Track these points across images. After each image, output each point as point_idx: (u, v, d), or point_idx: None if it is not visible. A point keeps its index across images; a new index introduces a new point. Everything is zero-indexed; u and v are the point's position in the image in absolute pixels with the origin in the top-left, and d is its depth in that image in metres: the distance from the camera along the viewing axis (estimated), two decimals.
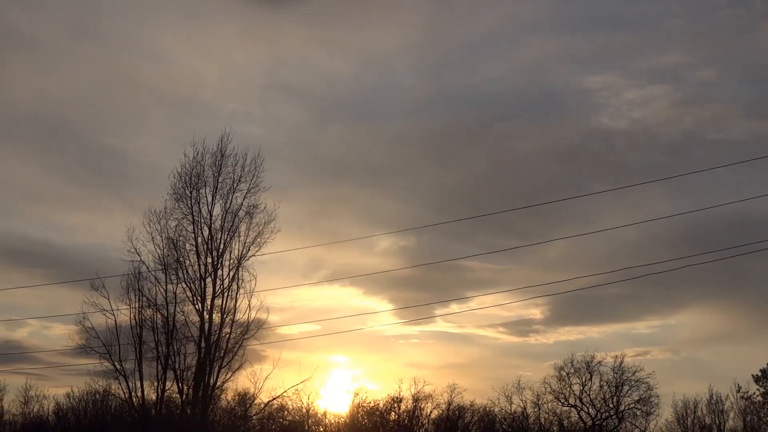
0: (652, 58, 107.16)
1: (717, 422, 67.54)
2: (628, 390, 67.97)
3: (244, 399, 63.26)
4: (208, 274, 54.04)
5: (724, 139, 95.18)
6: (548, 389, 69.30)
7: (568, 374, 69.09)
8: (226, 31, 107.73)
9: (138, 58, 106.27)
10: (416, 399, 69.71)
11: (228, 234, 55.00)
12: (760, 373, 67.52)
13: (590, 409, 67.69)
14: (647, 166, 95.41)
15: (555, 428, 69.07)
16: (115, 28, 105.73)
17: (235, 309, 54.59)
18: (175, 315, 54.21)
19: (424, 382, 73.08)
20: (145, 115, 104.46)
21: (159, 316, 54.31)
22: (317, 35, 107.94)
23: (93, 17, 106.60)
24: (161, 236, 55.05)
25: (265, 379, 56.66)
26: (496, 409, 69.77)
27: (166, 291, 54.41)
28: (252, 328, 54.95)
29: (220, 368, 53.59)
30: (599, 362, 69.78)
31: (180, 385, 53.81)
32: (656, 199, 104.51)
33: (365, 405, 70.94)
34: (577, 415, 68.35)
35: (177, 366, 53.64)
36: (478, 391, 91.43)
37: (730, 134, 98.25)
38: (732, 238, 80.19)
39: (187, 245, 54.66)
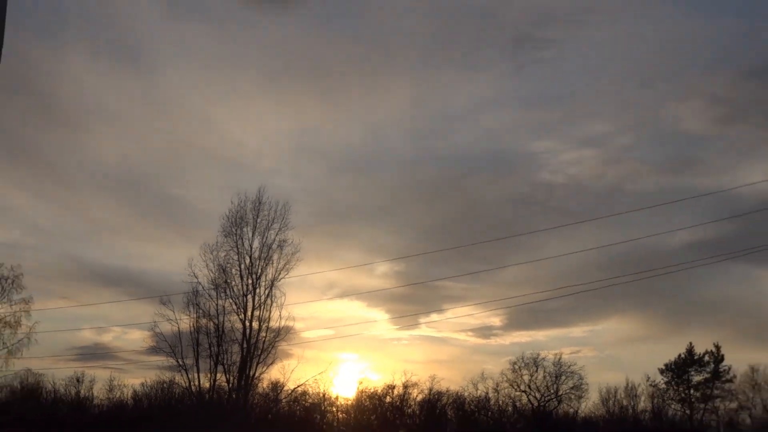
0: (583, 127, 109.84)
1: (632, 404, 68.02)
2: (565, 379, 68.29)
3: (276, 387, 62.47)
4: (248, 292, 54.34)
5: (638, 190, 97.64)
6: (505, 378, 69.66)
7: (519, 367, 69.33)
8: (262, 105, 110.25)
9: (197, 127, 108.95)
10: (405, 386, 70.08)
11: (264, 262, 55.25)
12: (664, 367, 67.85)
13: (536, 394, 67.98)
14: (581, 210, 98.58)
15: (510, 408, 68.83)
16: (181, 104, 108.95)
17: (269, 318, 54.90)
18: (223, 323, 54.52)
19: (412, 374, 74.10)
20: (202, 171, 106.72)
21: (212, 324, 54.48)
22: (331, 108, 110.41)
23: (163, 96, 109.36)
24: (213, 263, 55.28)
25: (292, 371, 56.95)
26: (466, 394, 69.53)
27: (216, 305, 54.63)
28: (282, 333, 55.52)
29: (257, 363, 54.07)
30: (543, 358, 70.94)
31: (227, 376, 54.16)
32: (588, 235, 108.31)
33: (367, 391, 71.17)
34: (527, 398, 68.43)
35: (225, 362, 53.91)
36: (452, 380, 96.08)
37: (643, 186, 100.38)
38: (645, 264, 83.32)
39: (233, 270, 54.85)
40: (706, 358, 66.76)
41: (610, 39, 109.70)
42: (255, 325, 54.30)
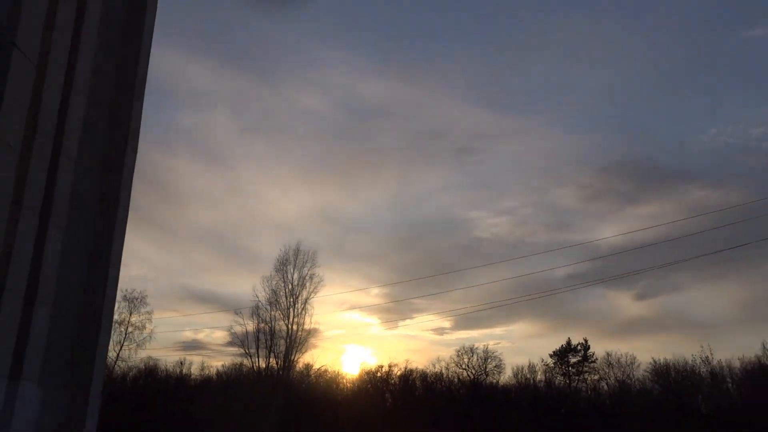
0: (500, 203, 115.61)
1: (533, 376, 71.33)
2: (490, 361, 72.83)
3: (307, 367, 68.72)
4: (290, 306, 59.70)
5: (535, 242, 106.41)
6: (453, 361, 73.89)
7: (462, 354, 73.94)
8: (299, 189, 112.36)
9: (258, 203, 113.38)
10: (390, 366, 74.64)
11: (300, 287, 60.58)
12: (552, 353, 71.90)
13: (472, 371, 72.27)
14: (500, 255, 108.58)
15: (455, 379, 72.67)
16: (248, 188, 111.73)
17: (303, 323, 59.66)
18: (274, 326, 59.15)
19: (394, 358, 79.46)
20: (262, 230, 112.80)
21: (267, 327, 59.34)
22: (343, 192, 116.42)
23: (237, 183, 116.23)
24: (268, 288, 60.62)
25: (317, 357, 67.07)
26: (428, 371, 74.07)
27: (270, 315, 59.47)
28: (311, 333, 60.88)
29: (296, 352, 59.19)
30: (476, 348, 74.34)
31: (276, 360, 59.23)
32: (504, 271, 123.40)
33: (365, 369, 76.56)
34: (466, 374, 72.36)
35: (275, 351, 59.12)
36: (419, 362, 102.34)
37: (538, 240, 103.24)
38: (539, 288, 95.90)
39: (281, 293, 60.10)
40: (579, 347, 71.72)
41: (518, 149, 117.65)
42: (294, 327, 59.26)
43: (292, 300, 60.82)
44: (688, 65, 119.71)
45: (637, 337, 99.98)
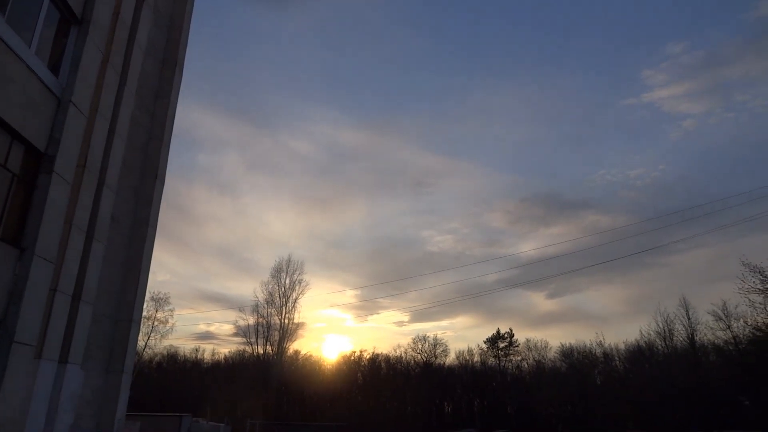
0: (446, 225, 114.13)
1: (471, 358, 70.40)
2: (438, 346, 70.82)
3: (296, 353, 67.91)
4: (283, 305, 58.98)
5: (473, 254, 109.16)
6: (410, 347, 72.11)
7: (416, 341, 72.82)
8: (292, 215, 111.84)
9: (260, 225, 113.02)
10: (361, 351, 73.24)
11: (291, 290, 59.82)
12: (486, 339, 71.25)
13: (424, 354, 70.01)
14: (445, 263, 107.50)
15: (412, 362, 69.92)
16: (251, 212, 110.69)
17: (293, 318, 58.97)
18: (270, 320, 58.60)
19: (364, 346, 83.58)
20: (261, 245, 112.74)
21: (264, 321, 58.80)
22: (326, 217, 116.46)
23: (242, 209, 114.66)
24: (266, 291, 60.57)
25: (304, 345, 65.06)
26: (390, 355, 72.26)
27: (267, 312, 58.95)
28: (299, 325, 60.87)
29: (287, 341, 58.57)
30: (428, 336, 77.41)
31: (272, 347, 58.52)
32: (449, 276, 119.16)
33: (342, 354, 74.92)
34: (420, 356, 69.95)
35: (271, 340, 58.51)
36: (384, 348, 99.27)
37: (475, 252, 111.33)
38: (476, 290, 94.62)
39: (276, 294, 59.44)
40: (506, 335, 70.83)
41: (460, 183, 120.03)
42: (286, 321, 58.65)
43: (284, 300, 59.69)
44: (584, 122, 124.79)
45: (549, 327, 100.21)
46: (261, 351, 58.99)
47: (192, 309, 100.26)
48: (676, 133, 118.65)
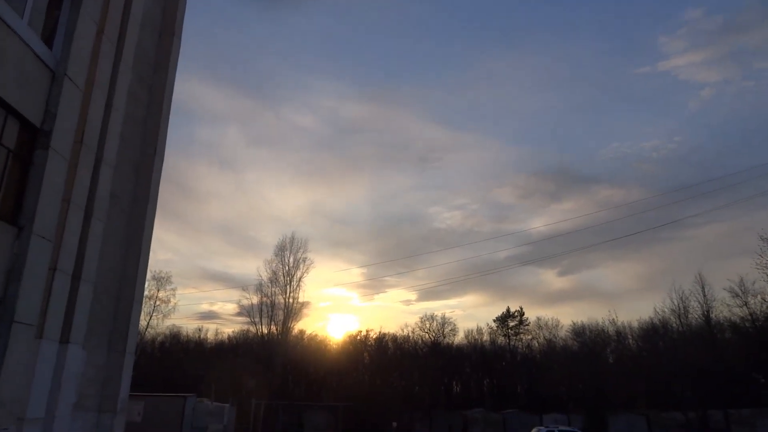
0: (454, 200, 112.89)
1: (481, 337, 70.90)
2: (447, 325, 70.45)
3: (301, 332, 68.23)
4: (287, 284, 58.10)
5: (482, 231, 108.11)
6: (417, 326, 71.53)
7: (424, 320, 71.53)
8: (295, 191, 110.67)
9: (262, 201, 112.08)
10: (368, 331, 73.77)
11: (295, 268, 59.05)
12: (495, 318, 70.35)
13: (433, 333, 69.71)
14: (453, 241, 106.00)
15: (420, 341, 70.01)
16: (254, 189, 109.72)
17: (298, 297, 58.24)
18: (274, 300, 57.60)
19: (370, 325, 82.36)
20: (264, 222, 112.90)
21: (269, 300, 57.74)
22: (331, 192, 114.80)
23: (245, 185, 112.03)
24: (270, 269, 59.39)
25: (309, 325, 64.12)
26: (398, 334, 72.12)
27: (271, 291, 57.98)
28: (304, 305, 60.59)
29: (292, 320, 57.75)
30: (436, 315, 75.60)
31: (276, 327, 57.37)
32: (457, 254, 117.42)
33: (348, 334, 75.12)
34: (428, 336, 69.70)
35: (276, 319, 57.32)
36: (391, 327, 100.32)
37: (485, 229, 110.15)
38: (486, 267, 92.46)
39: (280, 273, 58.48)
40: (515, 314, 70.86)
41: (468, 157, 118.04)
42: (291, 300, 57.97)
43: (288, 279, 59.89)
44: (596, 93, 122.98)
45: (560, 305, 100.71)
46: (265, 331, 58.68)
47: (194, 288, 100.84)
48: (693, 103, 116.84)
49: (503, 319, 71.58)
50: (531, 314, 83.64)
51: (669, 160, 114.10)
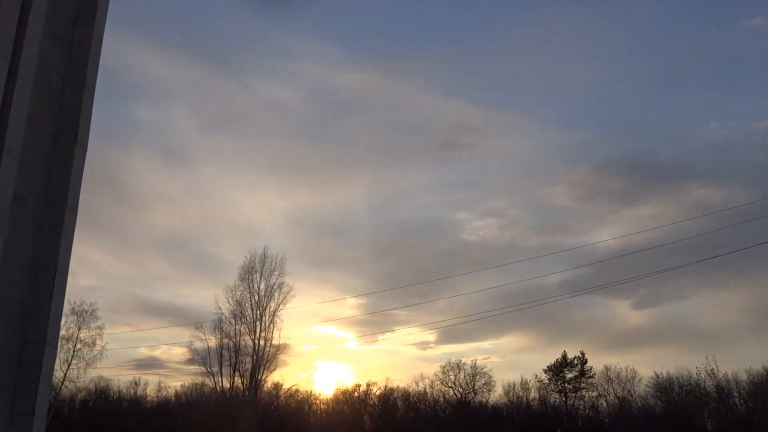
0: (488, 204, 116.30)
1: (525, 394, 72.62)
2: (479, 378, 73.26)
3: (276, 386, 69.45)
4: (257, 320, 60.65)
5: (525, 246, 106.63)
6: (437, 378, 73.93)
7: (447, 370, 74.42)
8: (266, 190, 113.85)
9: (222, 205, 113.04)
10: (368, 385, 75.50)
11: (268, 298, 61.64)
12: (546, 368, 73.46)
13: (459, 389, 72.59)
14: (487, 260, 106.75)
15: (441, 399, 72.75)
16: (211, 189, 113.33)
17: (272, 338, 60.65)
18: (239, 342, 60.23)
19: (372, 376, 79.56)
20: (225, 235, 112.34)
21: (231, 342, 60.42)
22: (314, 193, 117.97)
23: (199, 184, 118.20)
24: (232, 300, 61.73)
25: (288, 376, 66.40)
26: (410, 389, 74.02)
27: (235, 329, 60.64)
28: (280, 348, 61.72)
29: (263, 370, 60.16)
30: (463, 363, 76.01)
31: (242, 379, 60.25)
32: (491, 278, 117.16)
33: (341, 389, 77.07)
34: (452, 392, 72.70)
35: (240, 369, 60.22)
36: (400, 380, 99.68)
37: (528, 244, 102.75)
38: (530, 297, 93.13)
39: (246, 304, 61.11)
40: (575, 361, 71.84)
41: (503, 144, 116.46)
42: (262, 342, 59.95)
43: (258, 312, 61.49)
44: (687, 57, 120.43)
45: (637, 350, 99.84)
46: (227, 385, 61.20)
47: (129, 326, 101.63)
48: None
49: (558, 368, 73.28)
50: (596, 362, 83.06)
51: None
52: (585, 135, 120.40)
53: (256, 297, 61.98)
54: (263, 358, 60.19)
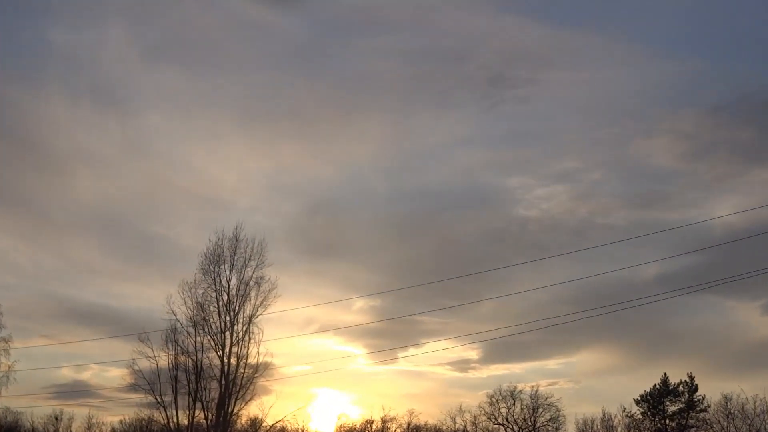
0: (554, 164, 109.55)
1: None
2: (542, 411, 67.65)
3: (255, 423, 62.31)
4: (227, 329, 53.70)
5: (608, 224, 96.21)
6: (482, 412, 68.48)
7: (497, 400, 68.40)
8: (239, 146, 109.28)
9: (175, 167, 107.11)
10: (384, 421, 68.73)
11: (241, 299, 54.61)
12: (639, 398, 66.46)
13: (514, 426, 67.04)
14: (553, 244, 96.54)
15: None
16: (159, 145, 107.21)
17: (248, 355, 54.06)
18: (202, 360, 53.70)
19: (390, 408, 72.17)
20: (180, 209, 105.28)
21: (190, 361, 53.90)
22: (307, 148, 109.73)
23: (141, 138, 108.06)
24: (192, 301, 54.68)
25: (270, 407, 57.52)
26: (444, 428, 68.94)
27: (195, 342, 54.03)
28: (260, 369, 54.75)
29: (236, 400, 53.07)
30: (520, 391, 69.31)
31: (206, 413, 53.22)
32: (560, 269, 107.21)
33: (346, 426, 69.96)
34: (504, 431, 67.41)
35: (204, 398, 53.11)
36: (430, 414, 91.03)
37: (613, 220, 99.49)
38: (616, 297, 79.26)
39: (211, 307, 54.29)
40: (681, 388, 65.18)
41: (578, 78, 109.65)
42: (233, 361, 53.31)
43: (228, 319, 54.74)
44: None
45: None
46: (184, 420, 54.16)
47: (47, 338, 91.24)
48: None
49: (656, 398, 66.57)
50: (710, 389, 73.54)
51: None
52: (695, 65, 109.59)
53: (225, 297, 54.89)
54: (235, 383, 53.34)
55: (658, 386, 65.60)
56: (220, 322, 53.86)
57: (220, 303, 54.46)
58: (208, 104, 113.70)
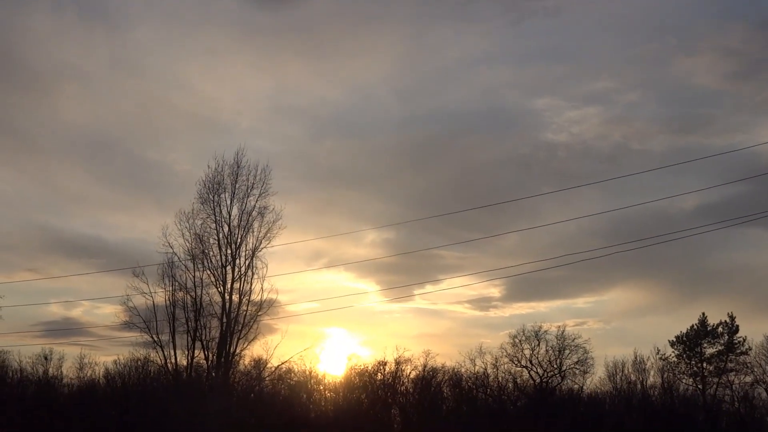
0: (586, 84, 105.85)
1: (640, 379, 64.55)
2: (569, 353, 65.10)
3: (259, 364, 60.05)
4: (228, 263, 53.48)
5: (645, 150, 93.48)
6: (504, 353, 65.17)
7: (520, 341, 65.94)
8: (239, 63, 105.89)
9: (170, 87, 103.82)
10: (398, 362, 64.09)
11: (244, 230, 54.32)
12: (674, 339, 65.72)
13: (538, 369, 64.91)
14: (584, 172, 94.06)
15: (510, 385, 65.75)
16: (152, 62, 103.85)
17: (251, 291, 53.90)
18: (201, 296, 53.49)
19: (405, 349, 70.67)
20: (176, 132, 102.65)
21: (188, 297, 53.61)
22: (313, 65, 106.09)
23: (132, 53, 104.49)
24: (190, 232, 54.33)
25: (275, 347, 56.03)
26: (463, 370, 66.12)
27: (194, 277, 53.71)
28: (264, 307, 54.37)
29: (238, 339, 52.96)
30: (545, 331, 66.43)
31: (206, 353, 53.23)
32: (591, 199, 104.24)
33: (357, 368, 66.36)
34: (528, 374, 65.21)
35: (203, 338, 53.02)
36: (448, 355, 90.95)
37: (650, 146, 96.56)
38: (652, 230, 75.22)
39: (211, 240, 53.95)
40: (720, 329, 64.52)
41: None
42: (235, 298, 53.48)
43: (230, 252, 54.96)
44: None
45: None
46: (183, 361, 54.61)
47: (34, 272, 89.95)
48: None
49: (693, 340, 66.49)
50: (752, 330, 73.01)
51: None
52: None
53: (226, 228, 54.81)
54: (237, 321, 53.69)
55: (695, 327, 65.09)
56: (221, 256, 53.67)
57: (221, 235, 54.11)
58: (205, 17, 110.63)
